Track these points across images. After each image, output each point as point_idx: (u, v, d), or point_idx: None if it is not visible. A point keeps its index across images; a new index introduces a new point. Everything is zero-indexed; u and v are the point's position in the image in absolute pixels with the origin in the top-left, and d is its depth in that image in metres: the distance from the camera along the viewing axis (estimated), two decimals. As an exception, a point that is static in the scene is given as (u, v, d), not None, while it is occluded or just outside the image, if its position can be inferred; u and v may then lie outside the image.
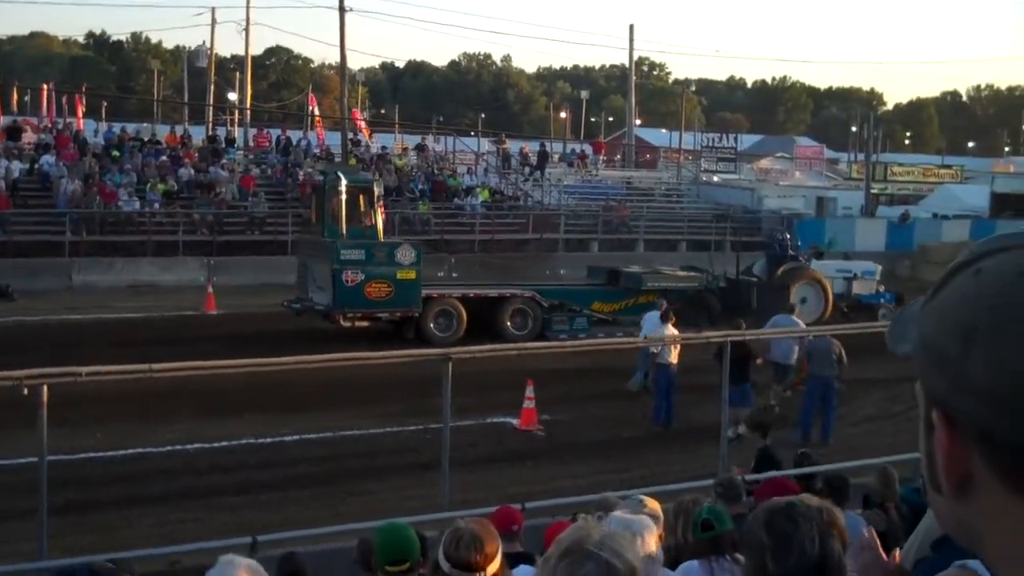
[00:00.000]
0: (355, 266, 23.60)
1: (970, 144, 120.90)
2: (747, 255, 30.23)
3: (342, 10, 42.39)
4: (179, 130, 44.85)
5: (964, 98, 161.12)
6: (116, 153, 37.24)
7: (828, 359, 17.03)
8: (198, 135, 44.79)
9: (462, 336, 23.48)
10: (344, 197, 24.32)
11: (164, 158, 37.73)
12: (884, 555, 3.42)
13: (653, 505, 5.81)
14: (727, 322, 24.54)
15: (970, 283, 1.00)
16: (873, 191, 51.91)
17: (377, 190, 26.07)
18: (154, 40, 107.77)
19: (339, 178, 24.82)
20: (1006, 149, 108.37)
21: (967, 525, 1.01)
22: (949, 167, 65.38)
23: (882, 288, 28.26)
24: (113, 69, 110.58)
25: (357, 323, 23.94)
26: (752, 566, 2.81)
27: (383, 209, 26.06)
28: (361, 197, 24.96)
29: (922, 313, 1.05)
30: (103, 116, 51.34)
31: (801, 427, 17.32)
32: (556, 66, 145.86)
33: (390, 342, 19.76)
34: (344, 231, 24.25)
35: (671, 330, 18.16)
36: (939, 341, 1.00)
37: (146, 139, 40.37)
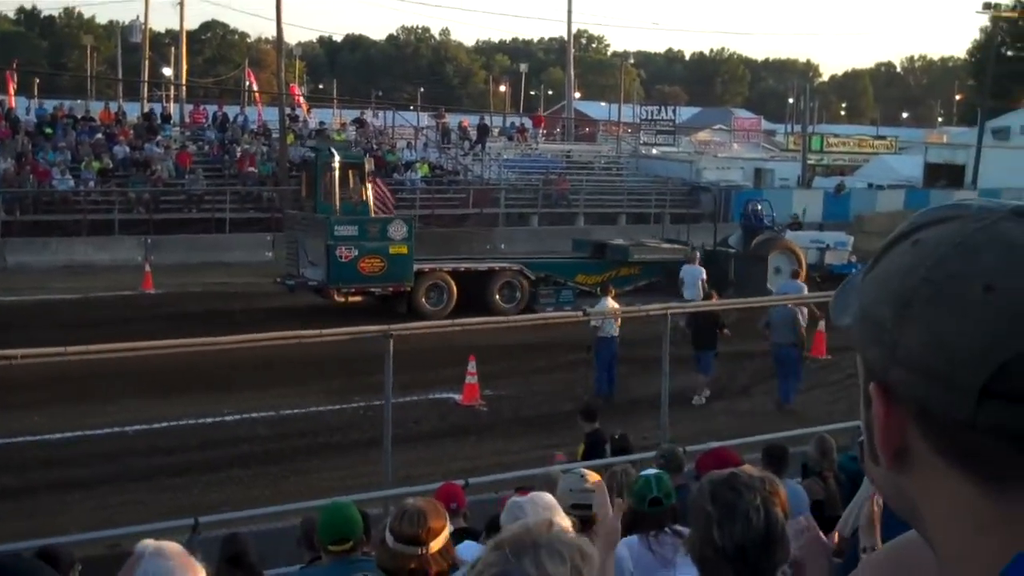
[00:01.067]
0: (349, 242, 23.87)
1: (904, 115, 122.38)
2: (724, 227, 30.60)
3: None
4: (113, 107, 44.15)
5: (898, 69, 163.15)
6: (49, 131, 36.62)
7: (789, 326, 17.27)
8: (133, 112, 44.11)
9: (452, 310, 23.76)
10: (336, 173, 24.52)
11: (99, 136, 37.15)
12: (823, 536, 3.50)
13: (594, 478, 5.84)
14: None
15: (908, 254, 1.00)
16: (810, 162, 52.43)
17: (368, 166, 26.21)
18: (87, 15, 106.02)
19: (332, 154, 25.11)
20: (939, 120, 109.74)
21: (905, 496, 1.02)
22: (884, 138, 66.13)
23: (854, 259, 28.61)
24: (45, 45, 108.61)
25: (351, 298, 24.07)
26: (699, 538, 2.84)
27: (373, 184, 26.21)
28: (352, 173, 25.12)
29: (862, 284, 1.05)
30: (35, 93, 50.42)
31: (780, 393, 17.80)
32: (495, 39, 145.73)
33: (375, 317, 19.65)
34: (337, 207, 24.35)
35: (612, 304, 18.30)
36: (876, 312, 1.00)
37: (80, 116, 39.69)
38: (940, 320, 0.94)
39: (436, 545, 4.35)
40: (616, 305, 18.53)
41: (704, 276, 23.81)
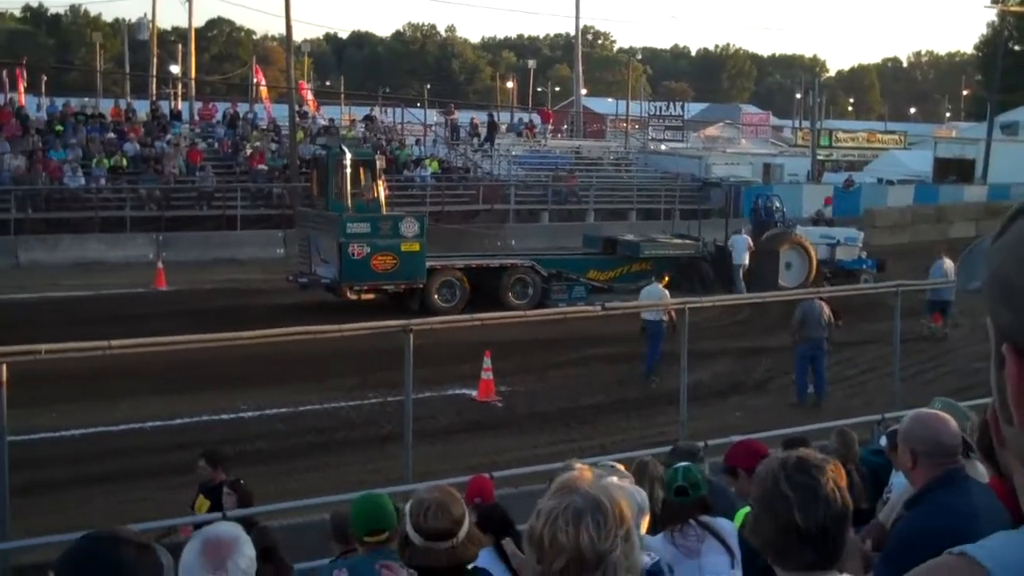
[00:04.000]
0: (361, 239, 23.88)
1: (912, 110, 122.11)
2: (734, 223, 30.59)
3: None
4: (122, 104, 44.21)
5: (905, 64, 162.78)
6: (59, 128, 36.65)
7: (819, 322, 17.28)
8: (141, 109, 44.14)
9: (465, 306, 23.71)
10: (348, 171, 24.62)
11: (110, 134, 37.19)
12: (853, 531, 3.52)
13: (624, 472, 5.85)
14: (722, 287, 25.10)
15: None
16: (819, 157, 52.37)
17: (379, 163, 26.25)
18: (93, 13, 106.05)
19: (343, 152, 25.11)
20: (947, 115, 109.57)
21: None
22: (892, 133, 66.12)
23: (864, 254, 28.54)
24: (52, 43, 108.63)
25: (364, 296, 24.09)
26: (774, 523, 2.85)
27: (384, 182, 26.27)
28: (363, 170, 25.15)
29: (990, 251, 1.08)
30: (43, 91, 50.46)
31: (797, 389, 17.67)
32: (500, 36, 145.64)
33: (389, 314, 19.67)
34: (349, 204, 24.37)
35: (663, 290, 19.17)
36: (1006, 276, 1.03)
37: (89, 113, 39.73)
38: None
39: (464, 533, 4.35)
40: (667, 292, 19.12)
41: (751, 243, 26.81)
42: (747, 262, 26.54)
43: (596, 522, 2.24)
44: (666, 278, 20.96)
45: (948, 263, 21.17)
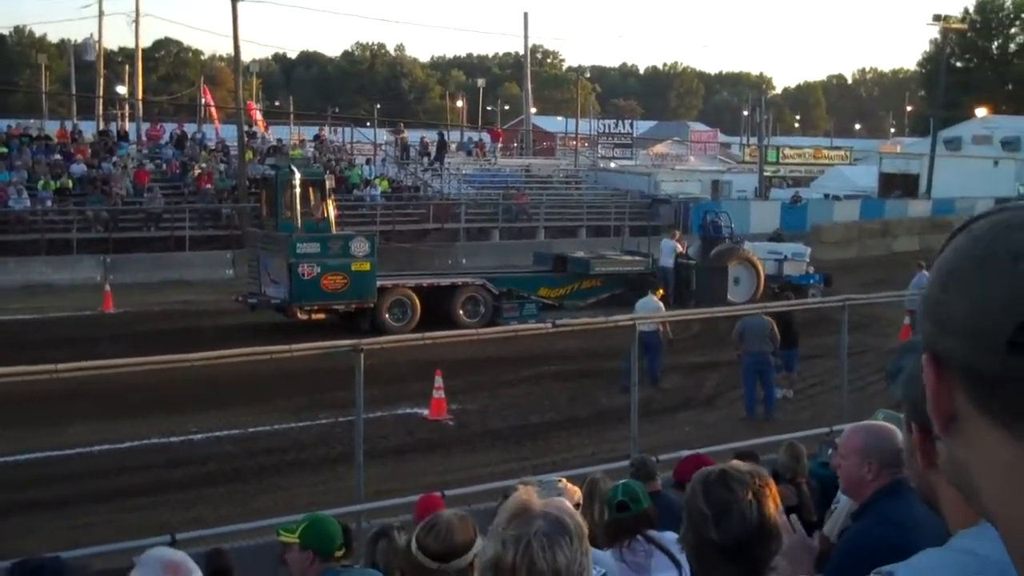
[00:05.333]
0: (311, 259, 23.80)
1: (857, 126, 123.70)
2: (683, 239, 30.84)
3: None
4: (68, 125, 43.80)
5: (850, 81, 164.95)
6: (3, 150, 36.24)
7: (762, 336, 17.39)
8: (87, 130, 43.78)
9: (416, 326, 23.59)
10: (297, 190, 24.45)
11: (56, 156, 36.80)
12: (806, 534, 3.56)
13: (571, 488, 5.88)
14: (677, 304, 25.26)
15: (961, 239, 1.10)
16: (766, 174, 52.91)
17: (329, 183, 26.12)
18: (38, 34, 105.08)
19: (292, 172, 24.89)
20: (891, 131, 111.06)
21: (959, 467, 1.10)
22: (838, 149, 66.93)
23: (811, 269, 28.85)
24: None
25: (314, 316, 23.94)
26: (695, 537, 2.89)
27: (334, 202, 26.17)
28: (313, 190, 25.03)
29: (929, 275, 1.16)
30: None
31: (745, 403, 17.81)
32: (450, 55, 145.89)
33: (340, 334, 19.58)
34: (299, 224, 24.27)
35: (658, 302, 19.71)
36: (930, 289, 1.11)
37: (35, 135, 39.31)
38: (978, 287, 1.04)
39: (458, 564, 4.31)
40: (662, 305, 19.70)
41: (680, 249, 27.82)
42: (671, 264, 27.65)
43: (568, 541, 2.29)
44: (660, 291, 21.25)
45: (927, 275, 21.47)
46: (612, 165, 53.81)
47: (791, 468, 8.81)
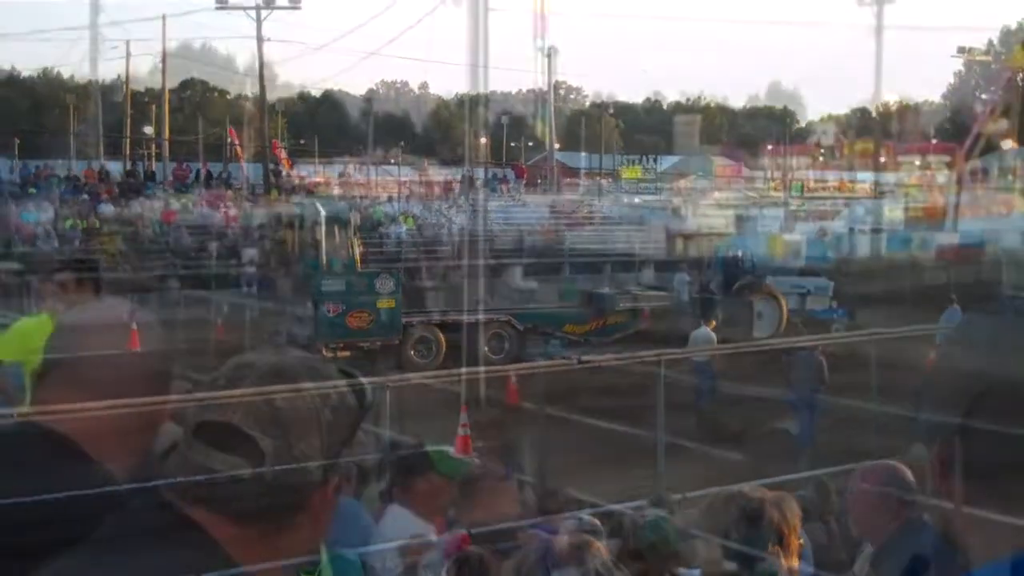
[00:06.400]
0: (336, 297, 23.81)
1: (882, 159, 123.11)
2: (708, 273, 30.85)
3: (259, 40, 42.17)
4: (95, 165, 44.24)
5: (874, 114, 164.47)
6: (32, 190, 36.61)
7: (811, 371, 17.25)
8: (115, 170, 44.19)
9: (442, 362, 23.54)
10: (323, 229, 24.40)
11: (84, 196, 37.17)
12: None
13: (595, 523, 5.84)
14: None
15: None
16: (791, 207, 52.79)
17: (353, 220, 26.25)
18: (65, 75, 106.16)
19: (318, 210, 24.93)
20: (916, 163, 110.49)
21: None
22: (863, 182, 66.71)
23: (835, 304, 28.69)
24: (27, 105, 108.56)
25: (339, 353, 23.86)
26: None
27: (359, 239, 26.29)
28: (338, 228, 25.11)
29: None
30: (16, 154, 50.39)
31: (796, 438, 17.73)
32: (473, 92, 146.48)
33: (365, 371, 19.54)
34: (324, 262, 24.30)
35: (711, 334, 20.43)
36: None
37: (63, 175, 39.72)
38: None
39: None
40: (714, 336, 20.10)
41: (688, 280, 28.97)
42: (687, 298, 28.39)
43: None
44: (713, 322, 21.39)
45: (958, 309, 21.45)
46: (636, 200, 53.82)
47: (819, 505, 8.74)
